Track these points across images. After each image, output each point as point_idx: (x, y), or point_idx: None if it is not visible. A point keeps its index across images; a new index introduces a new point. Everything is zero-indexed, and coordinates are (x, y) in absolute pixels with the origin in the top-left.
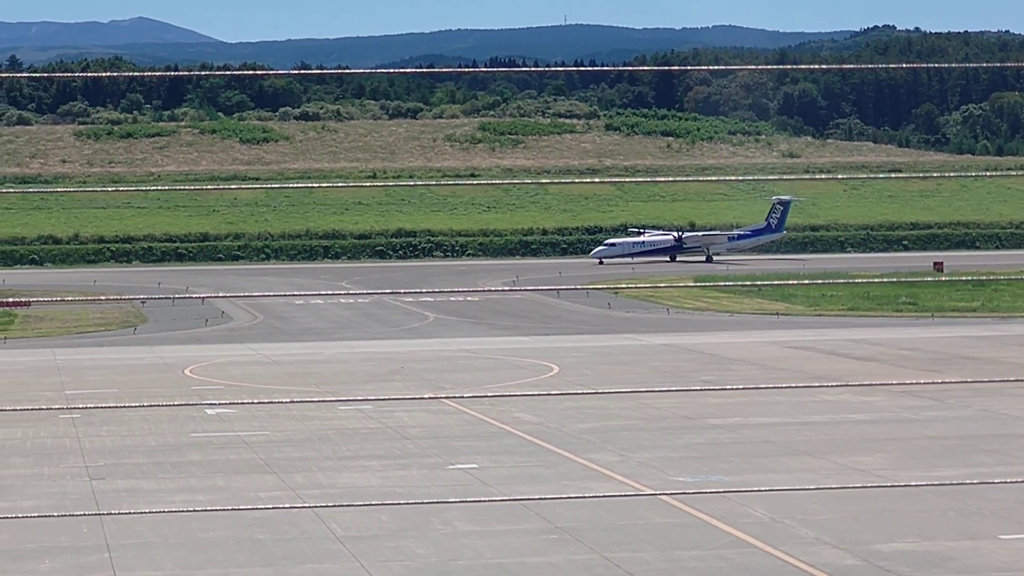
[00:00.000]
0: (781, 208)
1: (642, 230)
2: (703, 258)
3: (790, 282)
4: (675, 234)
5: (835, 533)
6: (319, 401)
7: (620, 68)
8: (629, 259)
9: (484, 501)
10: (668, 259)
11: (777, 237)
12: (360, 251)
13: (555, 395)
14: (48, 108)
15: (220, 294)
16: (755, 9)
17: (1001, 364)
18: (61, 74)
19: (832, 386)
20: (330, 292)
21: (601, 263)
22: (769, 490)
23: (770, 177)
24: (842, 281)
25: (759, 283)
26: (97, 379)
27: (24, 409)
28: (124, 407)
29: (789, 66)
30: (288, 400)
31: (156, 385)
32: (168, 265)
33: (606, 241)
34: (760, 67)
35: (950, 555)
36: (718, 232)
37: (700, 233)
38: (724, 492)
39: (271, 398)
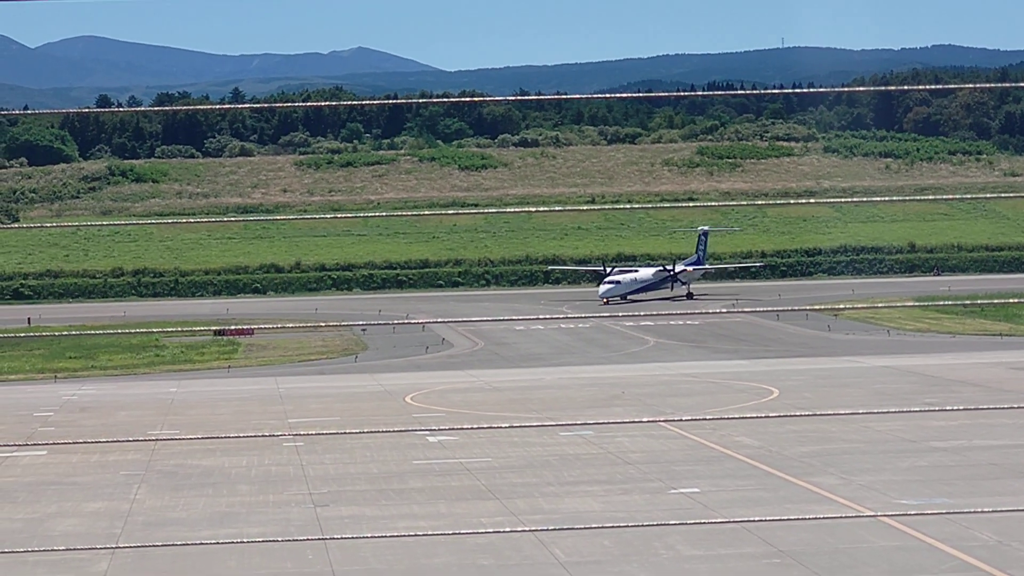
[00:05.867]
0: (704, 239)
1: (614, 268)
2: (684, 293)
3: (1012, 301)
4: (667, 268)
5: None
6: (540, 426)
7: (839, 90)
8: (626, 297)
9: (706, 524)
10: (621, 298)
11: (704, 268)
12: (580, 275)
13: (774, 417)
14: (270, 139)
15: (440, 320)
16: (975, 28)
17: None
18: (282, 105)
19: None
20: (550, 316)
21: (607, 302)
22: (993, 511)
23: (989, 195)
24: None
25: (981, 302)
26: (319, 407)
27: (249, 436)
28: (346, 434)
29: (1010, 84)
30: (508, 426)
31: (377, 413)
32: (388, 292)
33: (607, 279)
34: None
35: None
36: (693, 267)
37: (690, 268)
38: (948, 514)
39: (491, 424)
